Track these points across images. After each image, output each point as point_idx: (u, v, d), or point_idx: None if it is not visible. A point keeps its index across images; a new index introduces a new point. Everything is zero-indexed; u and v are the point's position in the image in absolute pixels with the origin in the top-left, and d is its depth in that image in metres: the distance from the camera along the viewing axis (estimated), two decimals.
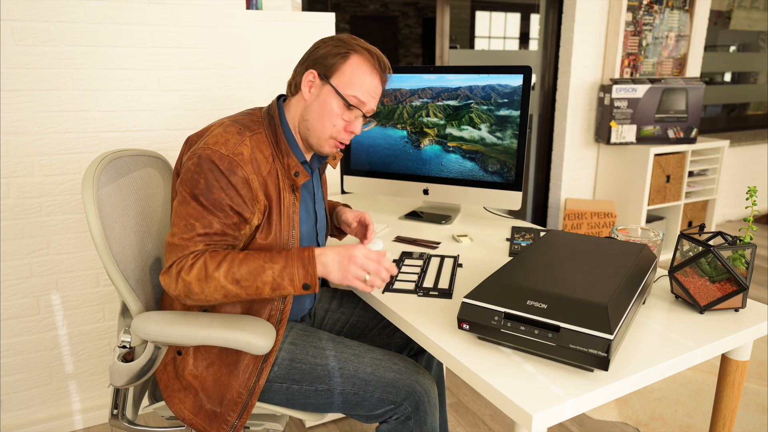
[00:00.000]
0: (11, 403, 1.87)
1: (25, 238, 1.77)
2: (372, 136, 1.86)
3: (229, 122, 1.14)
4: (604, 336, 0.85)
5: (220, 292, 1.05)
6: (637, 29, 3.34)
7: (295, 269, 1.06)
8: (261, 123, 1.17)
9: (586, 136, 3.45)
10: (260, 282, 1.05)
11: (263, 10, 1.98)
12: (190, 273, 1.04)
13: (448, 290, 1.21)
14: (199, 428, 1.16)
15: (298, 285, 1.07)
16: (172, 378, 1.18)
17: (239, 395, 1.15)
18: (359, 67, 1.16)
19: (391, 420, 1.18)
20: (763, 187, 4.49)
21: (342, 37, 1.17)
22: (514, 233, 1.53)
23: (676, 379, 2.23)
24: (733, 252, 1.09)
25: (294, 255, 1.07)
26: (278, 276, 1.05)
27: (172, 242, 1.08)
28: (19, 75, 1.67)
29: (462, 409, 2.05)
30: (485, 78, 1.63)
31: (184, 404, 1.16)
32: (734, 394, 1.15)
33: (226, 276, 1.04)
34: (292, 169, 1.16)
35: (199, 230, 1.07)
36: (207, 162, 1.07)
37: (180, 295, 1.07)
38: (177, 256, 1.07)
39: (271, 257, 1.07)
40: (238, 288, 1.05)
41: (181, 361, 1.17)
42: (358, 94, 1.16)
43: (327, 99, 1.15)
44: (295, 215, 1.19)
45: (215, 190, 1.07)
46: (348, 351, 1.21)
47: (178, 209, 1.09)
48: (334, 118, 1.16)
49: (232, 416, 1.15)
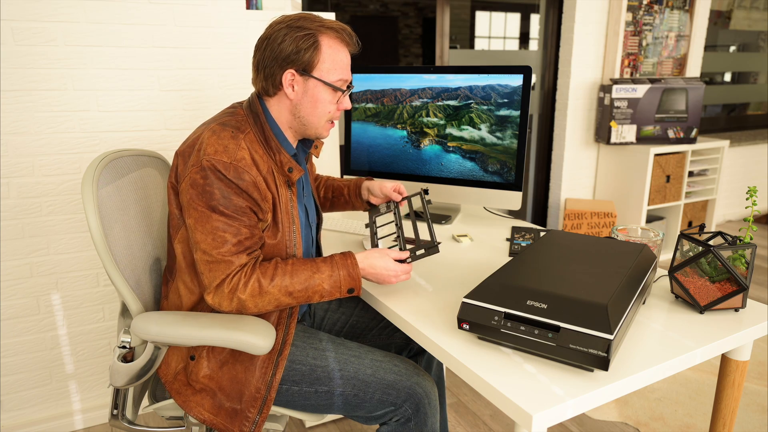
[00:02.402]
0: (11, 403, 1.87)
1: (25, 238, 1.77)
2: (372, 136, 1.86)
3: (217, 127, 1.11)
4: (604, 336, 0.85)
5: (273, 304, 1.10)
6: (637, 29, 3.33)
7: (341, 276, 1.13)
8: (246, 121, 1.15)
9: (586, 136, 3.44)
10: (311, 291, 1.11)
11: (263, 10, 1.98)
12: (245, 291, 1.07)
13: (432, 243, 1.19)
14: (220, 428, 1.16)
15: (344, 290, 1.14)
16: (184, 385, 1.18)
17: (257, 390, 1.15)
18: (332, 48, 1.14)
19: (392, 422, 1.18)
20: (763, 187, 4.49)
21: (300, 24, 1.12)
22: (514, 233, 1.53)
23: (676, 379, 2.23)
24: (733, 252, 1.09)
25: (338, 262, 1.13)
26: (326, 283, 1.12)
27: (209, 259, 1.07)
28: (19, 75, 1.67)
29: (462, 409, 2.05)
30: (485, 78, 1.63)
31: (202, 406, 1.16)
32: (734, 394, 1.15)
33: (281, 290, 1.09)
34: (286, 165, 1.16)
35: (232, 240, 1.06)
36: (213, 172, 1.05)
37: (233, 311, 1.10)
38: (224, 273, 1.06)
39: (317, 266, 1.13)
40: (290, 299, 1.11)
41: (194, 366, 1.17)
42: (341, 75, 1.16)
43: (315, 92, 1.15)
44: (293, 210, 1.19)
45: (232, 196, 1.06)
46: (348, 352, 1.21)
47: (199, 226, 1.07)
48: (327, 105, 1.17)
49: (253, 412, 1.15)
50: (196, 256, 1.09)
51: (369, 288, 1.25)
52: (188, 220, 1.09)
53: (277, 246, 1.16)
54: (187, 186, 1.07)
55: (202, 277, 1.09)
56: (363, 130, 1.84)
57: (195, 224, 1.07)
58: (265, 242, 1.15)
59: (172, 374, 1.18)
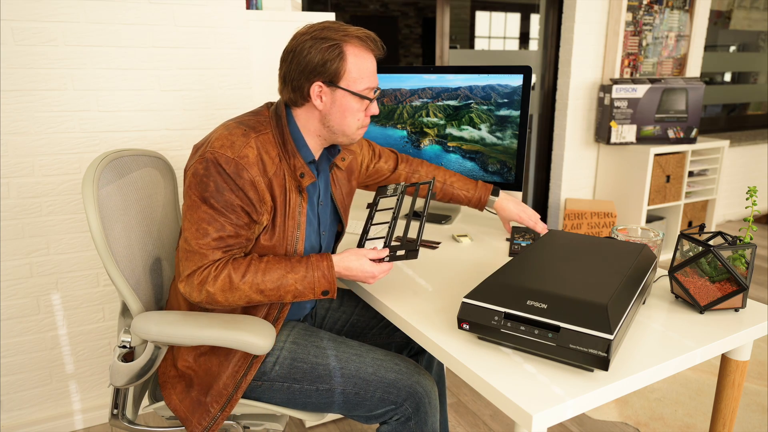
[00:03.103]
0: (11, 403, 1.87)
1: (25, 238, 1.77)
2: (372, 136, 1.86)
3: (233, 124, 1.14)
4: (604, 336, 0.85)
5: (243, 300, 1.10)
6: (637, 29, 3.34)
7: (315, 277, 1.12)
8: (268, 123, 1.16)
9: (586, 136, 3.45)
10: (283, 291, 1.11)
11: (263, 10, 1.98)
12: (214, 285, 1.07)
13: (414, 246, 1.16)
14: (181, 415, 1.17)
15: (318, 292, 1.13)
16: (170, 365, 1.21)
17: (225, 387, 1.16)
18: (358, 57, 1.14)
19: (392, 421, 1.18)
20: (763, 187, 4.49)
21: (325, 35, 1.11)
22: (514, 233, 1.53)
23: (676, 379, 2.23)
24: (733, 252, 1.09)
25: (313, 263, 1.13)
26: (299, 284, 1.11)
27: (188, 248, 1.08)
28: (19, 75, 1.67)
29: (462, 409, 2.05)
30: (485, 78, 1.63)
31: (174, 390, 1.19)
32: (734, 394, 1.15)
33: (251, 287, 1.09)
34: (298, 170, 1.16)
35: (213, 234, 1.07)
36: (214, 165, 1.07)
37: (201, 302, 1.10)
38: (196, 264, 1.08)
39: (292, 266, 1.12)
40: (261, 296, 1.11)
41: (177, 350, 1.20)
42: (368, 84, 1.16)
43: (344, 102, 1.15)
44: (301, 216, 1.19)
45: (225, 191, 1.07)
46: (349, 351, 1.21)
47: (188, 214, 1.09)
48: (356, 113, 1.17)
49: (215, 408, 1.16)
50: (179, 242, 1.12)
51: (369, 288, 1.25)
52: (182, 207, 1.12)
53: (273, 249, 1.16)
54: (189, 174, 1.10)
55: (179, 265, 1.11)
56: None
57: (186, 211, 1.10)
58: (260, 243, 1.15)
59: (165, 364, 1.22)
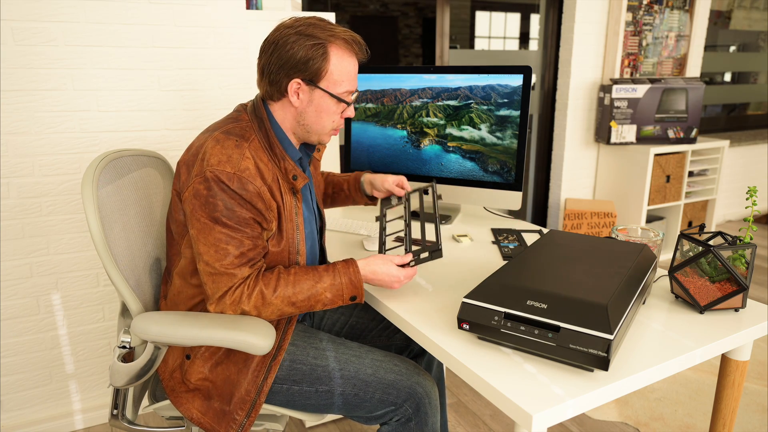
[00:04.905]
0: (11, 403, 1.87)
1: (25, 238, 1.77)
2: (372, 136, 1.86)
3: (222, 136, 1.09)
4: (604, 336, 0.85)
5: (276, 314, 1.11)
6: (637, 29, 3.33)
7: (343, 283, 1.13)
8: (251, 128, 1.14)
9: (586, 136, 3.45)
10: (314, 301, 1.12)
11: (263, 10, 1.98)
12: (249, 303, 1.08)
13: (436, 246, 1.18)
14: (207, 427, 1.16)
15: (346, 298, 1.14)
16: (178, 383, 1.18)
17: (247, 393, 1.15)
18: (341, 59, 1.12)
19: (392, 422, 1.18)
20: (763, 187, 4.49)
21: (311, 32, 1.09)
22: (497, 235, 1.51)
23: (676, 379, 2.23)
24: (733, 252, 1.09)
25: (340, 270, 1.13)
26: (329, 292, 1.12)
27: (212, 271, 1.07)
28: (19, 75, 1.67)
29: (462, 409, 2.05)
30: (485, 78, 1.63)
31: (192, 404, 1.16)
32: (734, 394, 1.15)
33: (283, 300, 1.10)
34: (290, 173, 1.16)
35: (234, 252, 1.06)
36: (216, 183, 1.04)
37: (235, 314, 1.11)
38: (227, 285, 1.07)
39: (320, 275, 1.12)
40: (293, 308, 1.11)
41: (189, 365, 1.17)
42: (348, 87, 1.15)
43: (321, 102, 1.14)
44: (298, 217, 1.18)
45: (235, 207, 1.05)
46: (348, 352, 1.21)
47: (201, 237, 1.06)
48: (332, 115, 1.17)
49: (241, 414, 1.15)
50: (198, 267, 1.09)
51: (369, 288, 1.25)
52: (191, 231, 1.08)
53: (280, 254, 1.16)
54: (190, 196, 1.07)
55: (205, 287, 1.09)
56: (363, 130, 1.84)
57: (198, 235, 1.07)
58: (268, 250, 1.14)
59: (168, 372, 1.19)
